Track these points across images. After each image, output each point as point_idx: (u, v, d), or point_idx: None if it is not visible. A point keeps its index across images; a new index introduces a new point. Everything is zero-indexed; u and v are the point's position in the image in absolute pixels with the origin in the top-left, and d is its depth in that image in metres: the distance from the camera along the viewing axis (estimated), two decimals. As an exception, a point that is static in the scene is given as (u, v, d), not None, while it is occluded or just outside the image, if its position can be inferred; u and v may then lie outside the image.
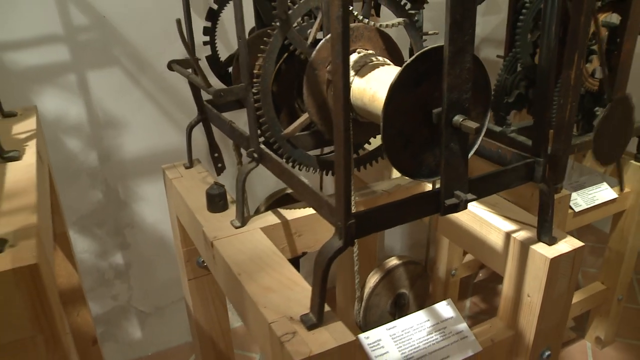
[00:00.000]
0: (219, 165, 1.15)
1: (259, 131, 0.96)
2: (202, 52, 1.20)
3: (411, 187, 1.17)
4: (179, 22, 0.93)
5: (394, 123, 0.73)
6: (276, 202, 1.18)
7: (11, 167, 0.88)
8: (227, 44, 1.53)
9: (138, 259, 1.75)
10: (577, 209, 1.47)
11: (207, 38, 1.21)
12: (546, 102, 0.84)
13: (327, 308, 0.77)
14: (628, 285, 1.72)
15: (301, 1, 0.89)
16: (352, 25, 0.91)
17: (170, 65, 1.13)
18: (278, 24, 0.90)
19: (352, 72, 0.88)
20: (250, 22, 1.24)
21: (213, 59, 1.23)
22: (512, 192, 1.14)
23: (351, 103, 0.88)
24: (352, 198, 0.82)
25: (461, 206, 0.78)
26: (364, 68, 0.88)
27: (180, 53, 1.59)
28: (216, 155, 1.14)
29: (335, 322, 0.76)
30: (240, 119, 1.11)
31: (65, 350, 0.68)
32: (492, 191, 0.83)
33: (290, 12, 0.89)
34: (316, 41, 0.96)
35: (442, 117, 0.73)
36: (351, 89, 0.88)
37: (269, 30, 0.90)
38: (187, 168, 1.25)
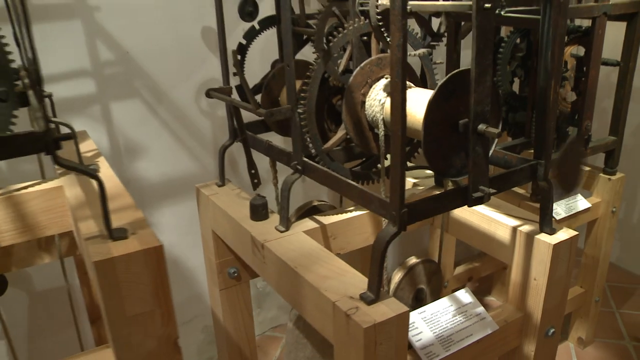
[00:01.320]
0: (255, 180, 1.31)
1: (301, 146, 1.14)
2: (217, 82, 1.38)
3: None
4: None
5: (431, 132, 0.93)
6: (305, 213, 1.34)
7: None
8: (253, 75, 1.70)
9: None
10: (558, 218, 1.69)
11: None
12: (545, 115, 1.06)
13: (382, 286, 0.94)
14: (602, 288, 1.96)
15: (339, 36, 1.09)
16: (382, 54, 1.11)
17: (209, 93, 1.30)
18: (320, 55, 1.09)
19: (384, 94, 1.08)
20: (274, 54, 1.44)
21: (242, 87, 1.41)
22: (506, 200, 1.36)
23: (385, 119, 1.08)
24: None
25: (485, 198, 0.97)
26: (394, 90, 1.08)
27: (194, 85, 1.77)
28: (253, 171, 1.30)
29: (389, 298, 0.94)
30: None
31: (175, 325, 0.82)
32: (507, 187, 1.04)
33: (330, 44, 1.09)
34: (345, 70, 1.16)
35: (470, 125, 0.93)
36: (385, 108, 1.07)
37: (313, 61, 1.09)
38: (219, 186, 1.41)
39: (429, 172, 1.48)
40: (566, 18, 1.11)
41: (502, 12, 0.96)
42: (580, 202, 1.78)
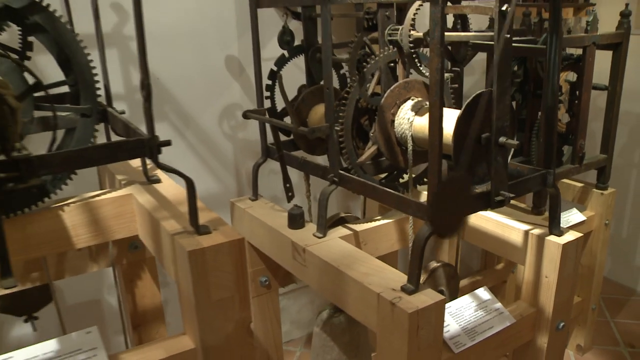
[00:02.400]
0: (290, 194, 1.46)
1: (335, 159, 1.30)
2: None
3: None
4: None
5: (458, 144, 1.10)
6: (334, 223, 1.49)
7: (159, 187, 1.17)
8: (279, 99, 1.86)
9: (174, 297, 1.98)
10: (556, 229, 1.87)
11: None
12: (552, 130, 1.24)
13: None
14: (598, 297, 2.13)
15: (372, 63, 1.27)
16: (408, 79, 1.29)
17: (246, 114, 1.46)
18: (355, 80, 1.26)
19: (412, 113, 1.25)
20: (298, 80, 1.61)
21: (272, 110, 1.57)
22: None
23: (413, 135, 1.24)
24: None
25: (506, 201, 1.14)
26: (420, 110, 1.25)
27: (217, 110, 1.92)
28: (288, 185, 1.45)
29: (427, 289, 1.09)
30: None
31: (249, 310, 0.96)
32: (523, 192, 1.21)
33: (364, 70, 1.26)
34: (373, 93, 1.33)
35: (492, 138, 1.10)
36: (413, 125, 1.24)
37: (350, 85, 1.26)
38: (252, 200, 1.55)
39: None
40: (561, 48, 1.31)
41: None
42: (576, 216, 1.96)
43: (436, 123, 1.01)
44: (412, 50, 1.18)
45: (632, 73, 1.99)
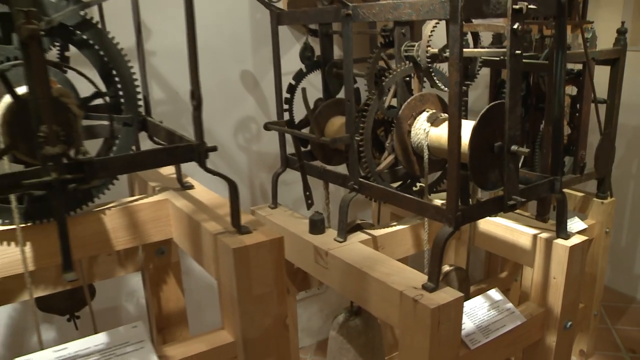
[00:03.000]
0: (310, 201, 1.55)
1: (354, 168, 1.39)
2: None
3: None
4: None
5: (474, 152, 1.20)
6: (351, 229, 1.58)
7: (193, 193, 1.26)
8: (299, 110, 1.95)
9: (191, 303, 2.05)
10: (559, 236, 1.97)
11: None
12: (559, 139, 1.35)
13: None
14: (600, 303, 2.22)
15: (390, 77, 1.37)
16: (424, 92, 1.39)
17: (267, 126, 1.55)
18: (375, 93, 1.36)
19: (428, 124, 1.35)
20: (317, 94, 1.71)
21: (290, 122, 1.67)
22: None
23: (429, 145, 1.34)
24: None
25: (517, 205, 1.24)
26: (436, 121, 1.35)
27: (233, 123, 2.02)
28: (307, 193, 1.54)
29: (446, 287, 1.18)
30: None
31: (286, 306, 1.04)
32: (532, 197, 1.31)
33: (383, 84, 1.36)
34: (389, 106, 1.43)
35: (505, 147, 1.20)
36: (429, 135, 1.34)
37: (370, 97, 1.36)
38: (272, 208, 1.64)
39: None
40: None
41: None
42: (577, 224, 2.06)
43: (455, 132, 1.11)
44: (429, 65, 1.28)
45: (628, 87, 2.11)
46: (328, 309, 2.41)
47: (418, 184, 1.56)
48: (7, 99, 0.92)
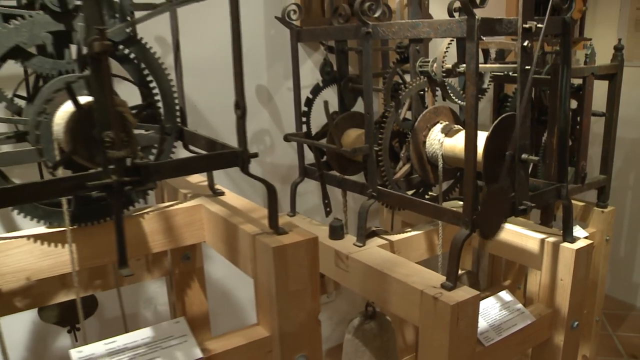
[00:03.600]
0: (328, 209, 1.65)
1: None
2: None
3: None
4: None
5: (487, 161, 1.30)
6: (367, 235, 1.68)
7: (225, 199, 1.36)
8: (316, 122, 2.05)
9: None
10: (562, 244, 2.08)
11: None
12: (565, 148, 1.46)
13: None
14: (601, 309, 2.33)
15: (406, 91, 1.48)
16: (437, 105, 1.50)
17: (287, 137, 1.65)
18: (392, 107, 1.47)
19: (442, 135, 1.46)
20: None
21: (307, 134, 1.77)
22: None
23: (443, 154, 1.45)
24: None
25: (528, 210, 1.34)
26: (450, 132, 1.46)
27: (248, 134, 2.11)
28: (326, 201, 1.64)
29: (463, 286, 1.28)
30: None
31: (318, 302, 1.14)
32: (541, 203, 1.42)
33: (400, 97, 1.47)
34: (404, 118, 1.54)
35: (515, 155, 1.31)
36: (443, 145, 1.45)
37: (388, 110, 1.47)
38: (290, 216, 1.74)
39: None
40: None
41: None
42: (579, 232, 2.17)
43: (472, 140, 1.22)
44: (445, 80, 1.40)
45: (625, 101, 2.23)
46: (337, 317, 2.49)
47: (431, 193, 1.67)
48: (69, 108, 1.02)
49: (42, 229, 1.20)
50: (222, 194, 1.39)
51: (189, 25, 1.90)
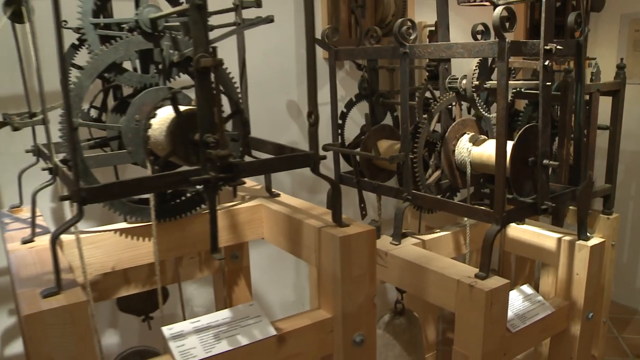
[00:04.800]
0: (364, 212, 1.87)
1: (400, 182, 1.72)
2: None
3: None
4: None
5: (514, 166, 1.53)
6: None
7: (281, 199, 1.56)
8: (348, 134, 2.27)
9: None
10: (572, 248, 2.30)
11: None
12: (580, 155, 1.69)
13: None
14: (608, 310, 2.55)
15: (437, 105, 1.70)
16: (464, 118, 1.73)
17: (326, 147, 1.86)
18: (425, 119, 1.69)
19: (470, 144, 1.69)
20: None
21: (342, 144, 1.99)
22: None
23: (471, 162, 1.67)
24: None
25: (549, 210, 1.56)
26: (477, 142, 1.69)
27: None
28: (362, 205, 1.85)
29: (494, 276, 1.49)
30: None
31: (375, 286, 1.34)
32: (559, 203, 1.64)
33: (432, 111, 1.70)
34: (433, 130, 1.76)
35: (538, 161, 1.53)
36: (471, 153, 1.67)
37: (422, 122, 1.69)
38: (326, 219, 1.94)
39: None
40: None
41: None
42: (587, 238, 2.40)
43: (502, 147, 1.44)
44: (474, 95, 1.63)
45: (626, 116, 2.48)
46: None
47: (456, 197, 1.89)
48: (168, 115, 1.23)
49: (122, 225, 1.40)
50: (278, 195, 1.60)
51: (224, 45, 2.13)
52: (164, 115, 1.26)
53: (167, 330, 1.24)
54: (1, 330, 1.96)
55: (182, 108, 1.22)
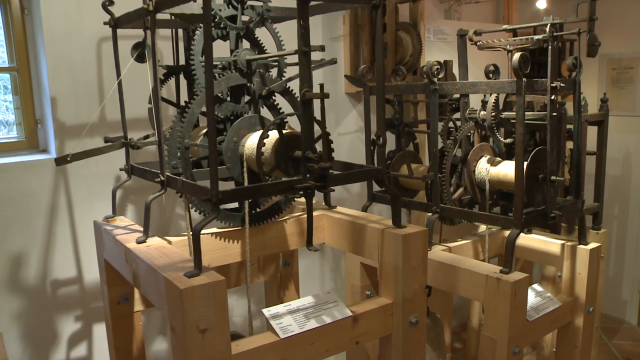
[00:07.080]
0: (395, 224, 2.29)
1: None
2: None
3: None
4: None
5: (528, 181, 1.99)
6: (425, 246, 2.32)
7: (339, 210, 1.98)
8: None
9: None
10: (567, 259, 2.78)
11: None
12: (579, 173, 2.17)
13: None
14: (600, 316, 3.01)
15: (458, 134, 2.17)
16: (482, 143, 2.20)
17: (361, 169, 2.30)
18: (450, 144, 2.15)
19: (488, 165, 2.15)
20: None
21: (372, 167, 2.43)
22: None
23: (489, 180, 2.13)
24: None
25: (557, 219, 2.03)
26: (494, 163, 2.15)
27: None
28: (394, 218, 2.28)
29: (515, 272, 1.93)
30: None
31: (426, 275, 1.76)
32: (564, 213, 2.10)
33: (456, 137, 2.16)
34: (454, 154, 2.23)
35: (547, 177, 2.00)
36: (489, 173, 2.14)
37: (448, 148, 2.15)
38: (361, 232, 2.37)
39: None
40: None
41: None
42: (579, 251, 2.87)
43: (520, 165, 1.90)
44: (493, 124, 2.09)
45: (608, 144, 3.00)
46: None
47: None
48: (274, 136, 1.64)
49: (214, 229, 1.80)
50: (335, 207, 2.02)
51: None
52: (255, 139, 1.67)
53: (267, 312, 1.63)
54: (68, 334, 2.29)
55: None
